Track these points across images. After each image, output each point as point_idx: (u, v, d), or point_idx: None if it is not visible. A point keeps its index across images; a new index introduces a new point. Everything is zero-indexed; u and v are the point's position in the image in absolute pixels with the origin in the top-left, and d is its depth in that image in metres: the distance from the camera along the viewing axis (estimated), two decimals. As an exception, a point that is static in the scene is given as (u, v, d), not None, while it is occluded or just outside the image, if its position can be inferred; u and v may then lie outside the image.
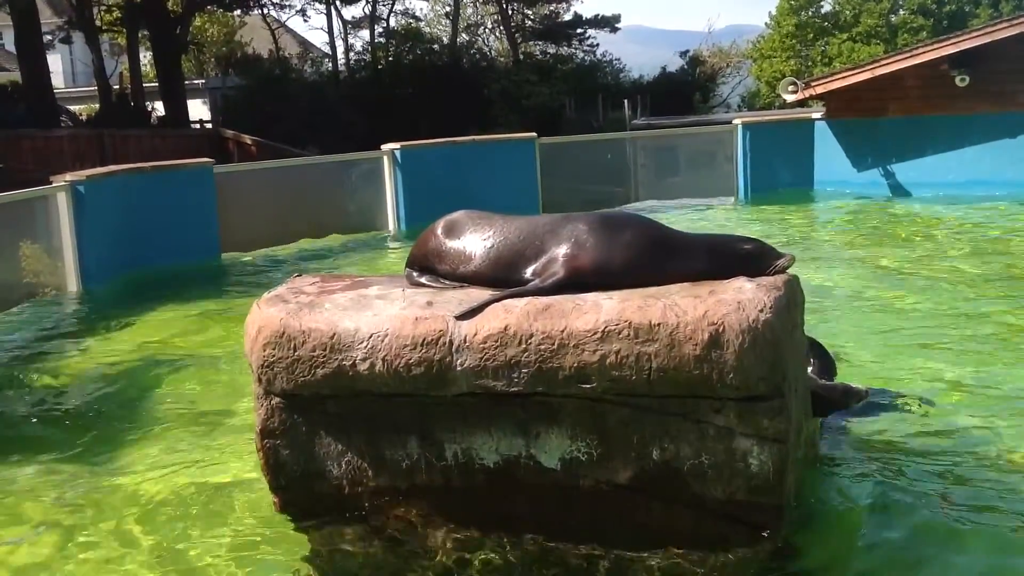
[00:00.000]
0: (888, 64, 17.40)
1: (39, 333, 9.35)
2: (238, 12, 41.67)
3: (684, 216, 14.98)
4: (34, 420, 6.72)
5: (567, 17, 43.25)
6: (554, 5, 43.24)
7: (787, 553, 4.16)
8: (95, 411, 6.85)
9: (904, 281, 9.81)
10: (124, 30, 34.13)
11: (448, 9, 44.16)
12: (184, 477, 5.48)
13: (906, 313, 8.46)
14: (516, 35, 42.03)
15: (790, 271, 4.34)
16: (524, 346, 3.93)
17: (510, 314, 4.00)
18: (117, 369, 7.94)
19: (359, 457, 4.26)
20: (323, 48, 44.44)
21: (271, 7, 41.13)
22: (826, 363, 5.83)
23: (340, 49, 41.02)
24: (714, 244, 4.39)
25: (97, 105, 32.98)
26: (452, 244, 4.48)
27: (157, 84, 33.54)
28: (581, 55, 41.81)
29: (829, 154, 17.36)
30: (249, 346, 4.28)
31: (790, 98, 18.49)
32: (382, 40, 39.93)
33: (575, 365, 3.90)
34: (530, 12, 43.38)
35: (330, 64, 40.35)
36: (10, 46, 34.75)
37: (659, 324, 3.86)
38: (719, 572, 4.01)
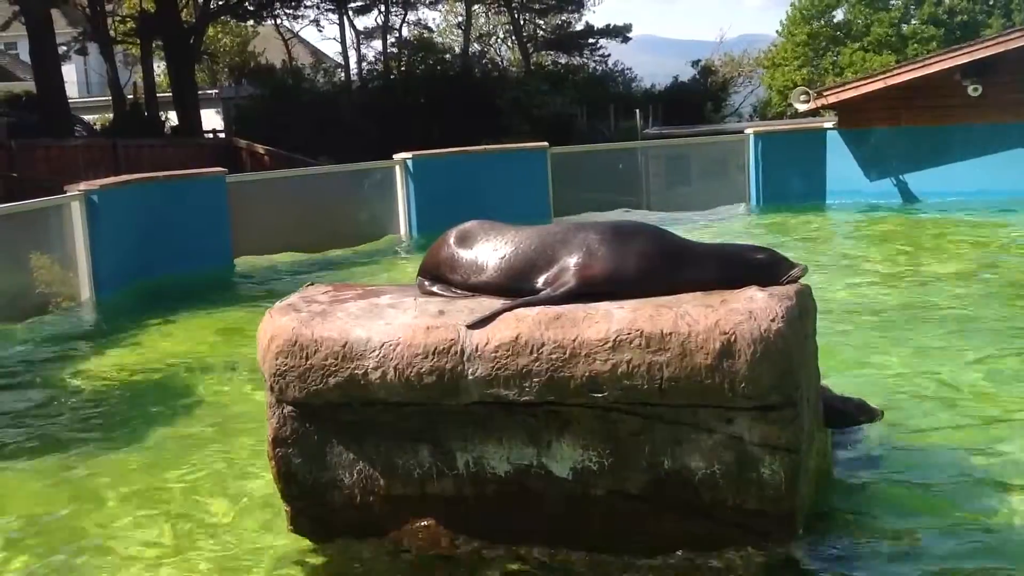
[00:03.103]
0: (900, 74, 17.38)
1: (53, 342, 9.39)
2: (251, 22, 41.89)
3: (695, 225, 14.96)
4: (47, 428, 6.74)
5: (579, 27, 43.34)
6: (566, 15, 43.34)
7: (799, 563, 4.14)
8: (108, 419, 6.87)
9: (915, 291, 9.78)
10: (138, 41, 34.33)
11: (460, 19, 44.27)
12: (196, 485, 5.50)
13: (916, 323, 8.43)
14: (528, 45, 42.10)
15: (802, 281, 4.34)
16: (535, 355, 3.94)
17: (522, 323, 4.01)
18: (129, 377, 7.97)
19: (371, 466, 4.27)
20: (336, 58, 44.59)
21: (284, 17, 41.34)
22: None
23: (353, 59, 41.16)
24: (726, 253, 4.39)
25: (111, 115, 33.18)
26: (464, 253, 4.49)
27: (171, 94, 33.72)
28: (593, 65, 41.86)
29: (841, 164, 17.32)
30: (261, 355, 4.29)
31: (802, 108, 18.47)
32: (394, 50, 40.05)
33: (587, 374, 3.91)
34: (542, 22, 43.47)
35: (343, 74, 40.46)
36: (25, 56, 34.97)
37: (671, 333, 3.86)
38: (731, 582, 4.00)
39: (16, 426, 6.83)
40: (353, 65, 40.82)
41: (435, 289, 4.54)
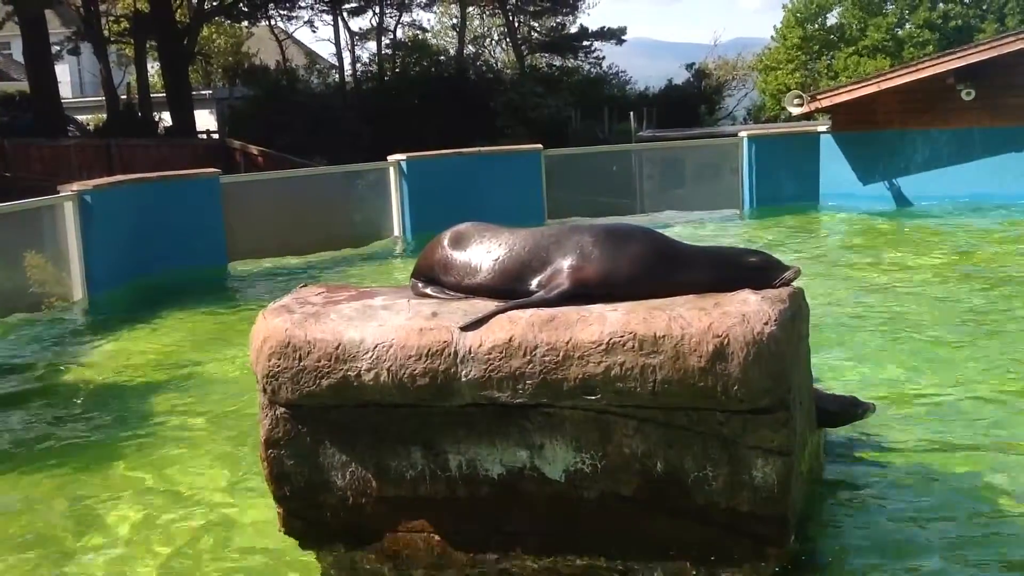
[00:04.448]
0: (894, 78, 17.41)
1: (44, 341, 9.37)
2: (245, 23, 41.87)
3: (689, 228, 14.98)
4: (38, 427, 6.73)
5: (573, 29, 43.41)
6: (560, 17, 43.39)
7: (791, 565, 4.15)
8: (100, 419, 6.86)
9: (908, 295, 9.80)
10: (132, 41, 34.29)
11: (455, 21, 44.29)
12: (189, 487, 5.49)
13: (909, 326, 8.45)
14: (522, 47, 42.13)
15: (795, 283, 4.35)
16: (529, 357, 3.94)
17: (515, 325, 4.01)
18: (122, 378, 7.96)
19: (363, 468, 4.26)
20: (330, 59, 44.62)
21: (278, 18, 41.34)
22: None
23: (347, 60, 41.20)
24: (720, 256, 4.40)
25: (104, 115, 33.13)
26: (458, 255, 4.48)
27: (164, 94, 33.68)
28: (587, 67, 41.93)
29: (834, 167, 17.35)
30: (254, 356, 4.28)
31: (796, 111, 18.50)
32: (389, 51, 40.06)
33: (580, 376, 3.91)
34: (536, 24, 43.53)
35: (337, 75, 40.48)
36: (18, 56, 34.96)
37: (664, 336, 3.86)
38: (723, 585, 4.01)
39: (6, 425, 6.81)
40: (347, 66, 40.89)
41: (429, 291, 4.54)
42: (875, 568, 4.31)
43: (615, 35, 42.11)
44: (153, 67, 39.29)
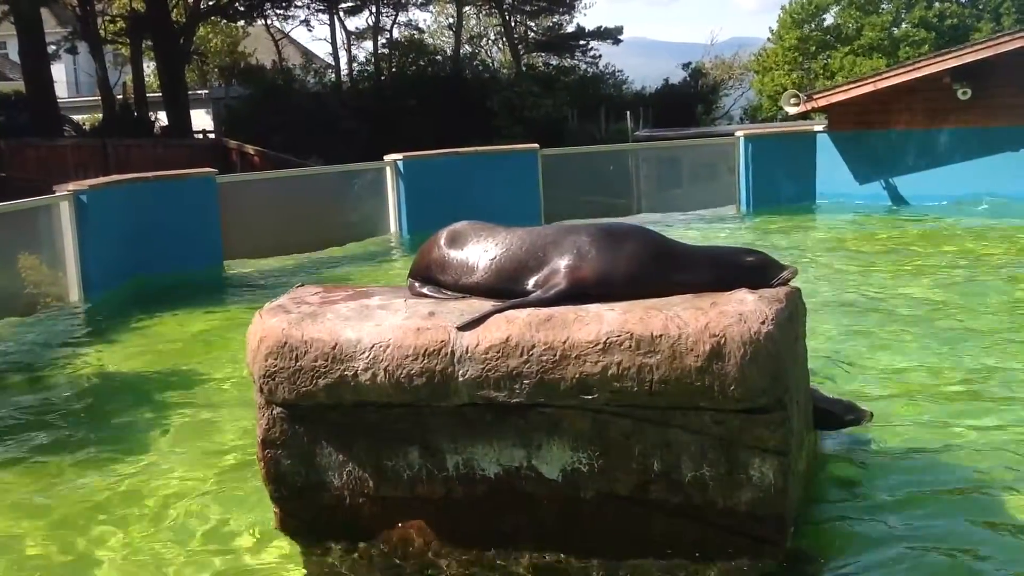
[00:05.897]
0: (890, 77, 17.43)
1: (40, 342, 9.35)
2: (241, 23, 41.82)
3: (686, 228, 14.97)
4: (33, 429, 6.71)
5: (570, 29, 43.38)
6: (557, 17, 43.38)
7: (789, 565, 4.15)
8: (95, 421, 6.85)
9: (904, 295, 9.80)
10: (128, 41, 34.23)
11: (451, 21, 44.26)
12: (184, 489, 5.48)
13: (905, 327, 8.45)
14: (519, 46, 42.11)
15: (792, 283, 4.35)
16: (526, 357, 3.93)
17: (512, 325, 4.00)
18: (118, 379, 7.94)
19: (360, 467, 4.26)
20: (326, 59, 44.55)
21: (274, 18, 41.28)
22: None
23: (343, 60, 41.16)
24: (717, 256, 4.40)
25: (100, 115, 33.06)
26: (455, 255, 4.48)
27: (160, 94, 33.62)
28: (584, 67, 41.89)
29: (831, 167, 17.38)
30: (251, 356, 4.28)
31: (792, 111, 18.52)
32: (385, 51, 40.01)
33: (577, 376, 3.91)
34: (533, 24, 43.50)
35: (333, 75, 40.43)
36: (14, 55, 34.90)
37: (661, 336, 3.86)
38: (720, 584, 4.01)
39: (3, 425, 6.80)
40: (344, 66, 40.83)
41: (426, 290, 4.53)
42: (872, 568, 4.31)
43: (611, 34, 42.09)
44: (149, 67, 39.21)
